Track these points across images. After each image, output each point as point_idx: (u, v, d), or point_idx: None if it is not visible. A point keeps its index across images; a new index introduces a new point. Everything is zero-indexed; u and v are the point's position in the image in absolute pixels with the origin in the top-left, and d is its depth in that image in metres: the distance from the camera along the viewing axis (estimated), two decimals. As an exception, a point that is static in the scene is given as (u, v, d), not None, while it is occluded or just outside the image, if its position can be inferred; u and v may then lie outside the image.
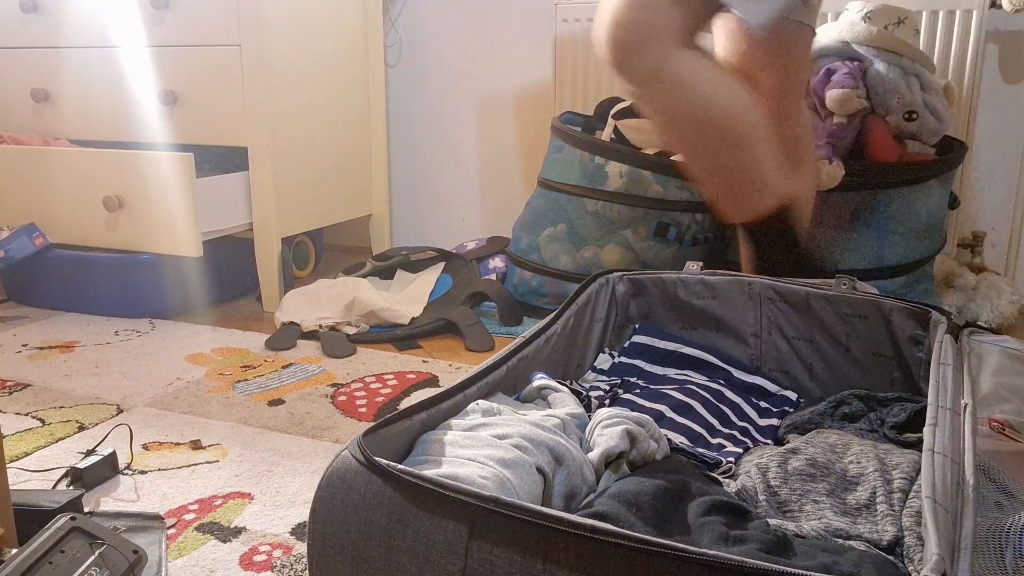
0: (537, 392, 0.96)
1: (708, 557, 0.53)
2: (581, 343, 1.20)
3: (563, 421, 0.87)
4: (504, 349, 0.97)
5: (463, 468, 0.71)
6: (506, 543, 0.58)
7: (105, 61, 1.92)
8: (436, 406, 0.80)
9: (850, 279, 1.17)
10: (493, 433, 0.78)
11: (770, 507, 0.82)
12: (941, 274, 1.74)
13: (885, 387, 1.12)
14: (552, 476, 0.77)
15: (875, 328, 1.13)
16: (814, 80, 1.58)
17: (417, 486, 0.61)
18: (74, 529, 0.73)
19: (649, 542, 0.55)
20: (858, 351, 1.14)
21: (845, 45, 1.60)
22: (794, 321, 1.18)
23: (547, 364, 1.07)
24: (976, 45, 1.75)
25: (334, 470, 0.65)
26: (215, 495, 1.04)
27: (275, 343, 1.62)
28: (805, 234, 1.30)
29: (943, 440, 0.71)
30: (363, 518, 0.62)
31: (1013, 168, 1.88)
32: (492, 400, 0.89)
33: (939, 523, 0.59)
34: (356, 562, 0.62)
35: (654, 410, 1.06)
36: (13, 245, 1.79)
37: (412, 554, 0.60)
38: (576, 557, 0.56)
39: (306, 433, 1.22)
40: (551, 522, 0.57)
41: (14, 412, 1.30)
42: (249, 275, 1.95)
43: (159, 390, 1.39)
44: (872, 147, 1.56)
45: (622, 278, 1.29)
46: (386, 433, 0.72)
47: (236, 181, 1.85)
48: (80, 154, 1.81)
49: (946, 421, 0.76)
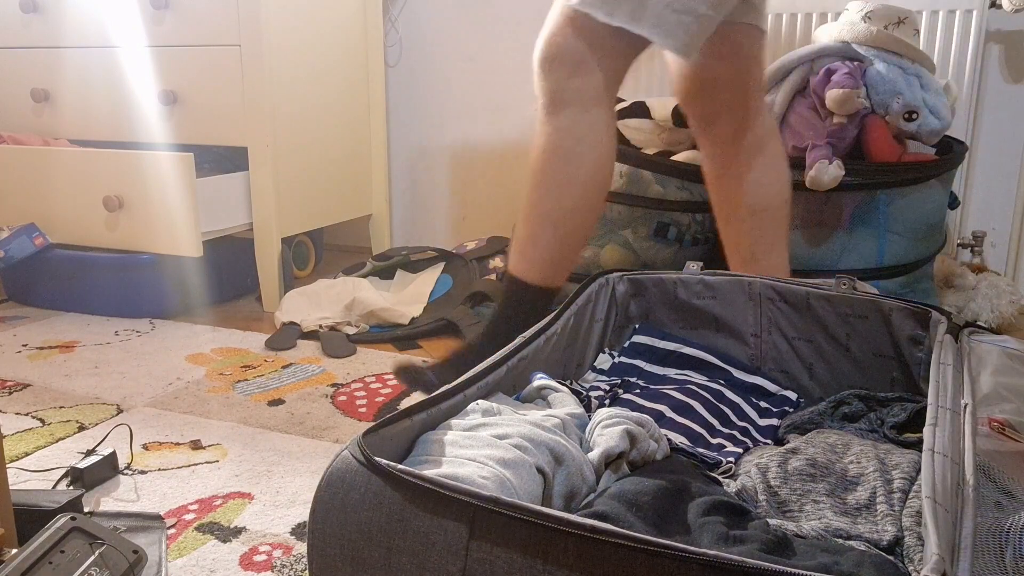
0: (537, 392, 0.96)
1: (708, 557, 0.53)
2: (581, 343, 1.20)
3: (563, 421, 0.87)
4: (504, 349, 0.97)
5: (463, 468, 0.71)
6: (506, 543, 0.57)
7: (105, 61, 1.92)
8: (436, 406, 0.80)
9: (850, 279, 1.17)
10: (493, 433, 0.78)
11: (770, 507, 0.82)
12: (941, 274, 1.74)
13: (885, 387, 1.12)
14: (552, 476, 0.77)
15: (875, 328, 1.13)
16: (814, 80, 1.58)
17: (417, 486, 0.61)
18: (74, 529, 0.73)
19: (649, 542, 0.54)
20: (858, 351, 1.14)
21: (845, 45, 1.60)
22: (794, 321, 1.18)
23: (547, 364, 1.07)
24: (976, 45, 1.75)
25: (334, 470, 0.65)
26: (215, 495, 1.04)
27: (275, 343, 1.62)
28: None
29: (943, 440, 0.71)
30: (363, 518, 0.62)
31: (1013, 168, 1.88)
32: (492, 400, 0.89)
33: (939, 523, 0.59)
34: (356, 562, 0.62)
35: (654, 410, 1.06)
36: (13, 245, 1.79)
37: (412, 554, 0.60)
38: (576, 557, 0.56)
39: (306, 433, 1.22)
40: (551, 522, 0.57)
41: (14, 412, 1.30)
42: (249, 275, 1.95)
43: (159, 390, 1.39)
44: (872, 147, 1.56)
45: (622, 278, 1.29)
46: (386, 433, 0.72)
47: (236, 181, 1.85)
48: (80, 154, 1.81)
49: (946, 421, 0.76)
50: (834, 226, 1.57)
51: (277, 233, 1.87)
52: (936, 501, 0.61)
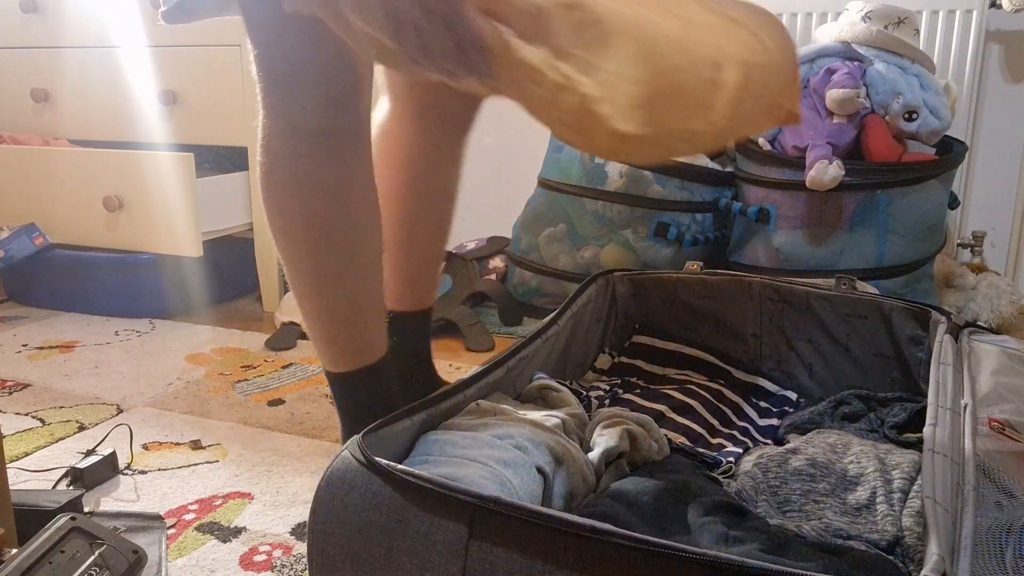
0: (537, 392, 0.96)
1: (708, 557, 0.53)
2: (581, 343, 1.20)
3: (563, 421, 0.87)
4: (505, 349, 0.97)
5: (463, 468, 0.71)
6: (506, 543, 0.58)
7: (105, 61, 1.92)
8: (436, 406, 0.80)
9: (850, 279, 1.17)
10: (493, 433, 0.78)
11: (770, 507, 0.82)
12: (941, 274, 1.74)
13: (885, 387, 1.12)
14: (552, 476, 0.77)
15: (875, 328, 1.13)
16: (814, 80, 1.58)
17: (417, 486, 0.61)
18: (74, 529, 0.73)
19: (649, 542, 0.55)
20: (858, 351, 1.14)
21: (845, 45, 1.60)
22: (794, 321, 1.18)
23: (547, 364, 1.07)
24: (976, 45, 1.75)
25: (334, 470, 0.65)
26: (215, 495, 1.04)
27: (275, 343, 1.62)
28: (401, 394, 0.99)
29: (943, 440, 0.72)
30: (363, 518, 0.62)
31: (1013, 168, 1.88)
32: (492, 400, 0.89)
33: (939, 523, 0.59)
34: (356, 562, 0.62)
35: (654, 410, 1.06)
36: (13, 245, 1.79)
37: (412, 554, 0.60)
38: (576, 557, 0.56)
39: (306, 433, 1.22)
40: (551, 522, 0.57)
41: (14, 412, 1.30)
42: (249, 275, 1.95)
43: (159, 390, 1.39)
44: (872, 147, 1.56)
45: (622, 278, 1.29)
46: (386, 433, 0.72)
47: (236, 181, 1.85)
48: (80, 154, 1.81)
49: (946, 421, 0.76)
50: (834, 226, 1.57)
51: (277, 233, 1.87)
52: (936, 501, 0.61)
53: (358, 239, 0.89)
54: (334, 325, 0.91)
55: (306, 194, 0.85)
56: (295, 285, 0.91)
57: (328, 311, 0.91)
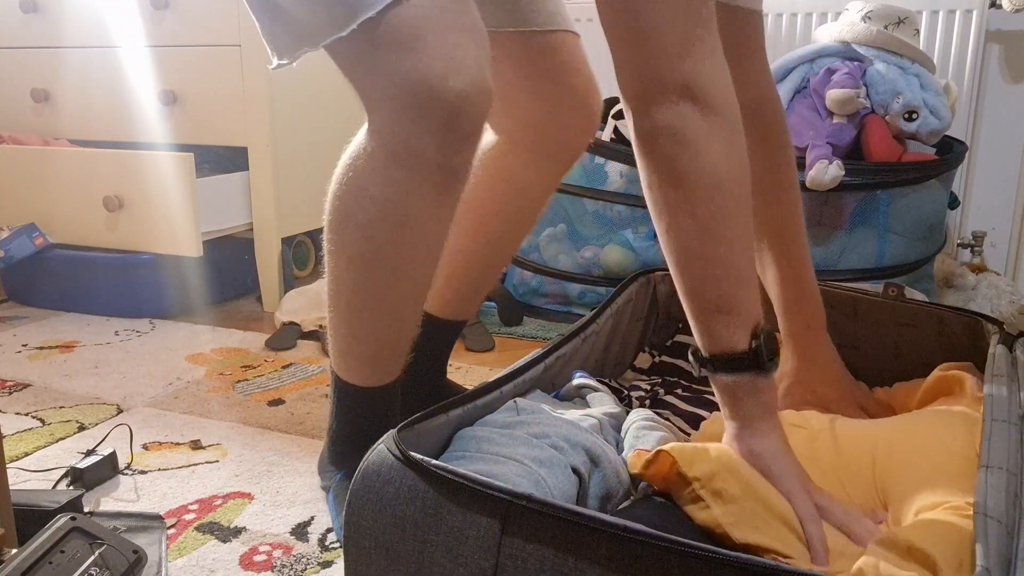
0: (576, 391, 0.96)
1: (741, 560, 0.53)
2: (620, 342, 1.18)
3: (600, 421, 0.86)
4: (543, 347, 0.97)
5: (499, 466, 0.71)
6: (538, 540, 0.58)
7: (105, 61, 1.92)
8: (472, 402, 0.80)
9: (899, 287, 1.11)
10: (530, 432, 0.78)
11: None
12: (941, 274, 1.74)
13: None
14: (588, 477, 0.77)
15: (925, 337, 1.09)
16: (814, 80, 1.58)
17: (451, 481, 0.62)
18: (74, 529, 0.73)
19: (680, 543, 0.55)
20: (907, 360, 1.10)
21: (845, 45, 1.61)
22: (840, 327, 1.13)
23: (586, 363, 1.06)
24: (976, 45, 1.75)
25: (370, 464, 0.65)
26: (215, 495, 1.04)
27: (275, 343, 1.62)
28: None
29: (999, 452, 0.70)
30: (398, 512, 0.63)
31: (1013, 168, 1.88)
32: (530, 398, 0.88)
33: (988, 535, 0.58)
34: (390, 555, 0.63)
35: (694, 414, 1.04)
36: (13, 245, 1.79)
37: (445, 548, 0.61)
38: (607, 556, 0.56)
39: (306, 433, 1.22)
40: (583, 520, 0.57)
41: (14, 412, 1.30)
42: (249, 275, 1.95)
43: (159, 390, 1.39)
44: (872, 147, 1.56)
45: (664, 278, 1.27)
46: (421, 428, 0.73)
47: (236, 181, 1.85)
48: (80, 154, 1.81)
49: (1002, 433, 0.75)
50: (834, 226, 1.57)
51: (277, 233, 1.87)
52: (988, 515, 0.60)
53: (427, 273, 0.88)
54: (370, 346, 0.91)
55: (395, 222, 0.84)
56: (340, 298, 0.89)
57: (367, 331, 0.90)
